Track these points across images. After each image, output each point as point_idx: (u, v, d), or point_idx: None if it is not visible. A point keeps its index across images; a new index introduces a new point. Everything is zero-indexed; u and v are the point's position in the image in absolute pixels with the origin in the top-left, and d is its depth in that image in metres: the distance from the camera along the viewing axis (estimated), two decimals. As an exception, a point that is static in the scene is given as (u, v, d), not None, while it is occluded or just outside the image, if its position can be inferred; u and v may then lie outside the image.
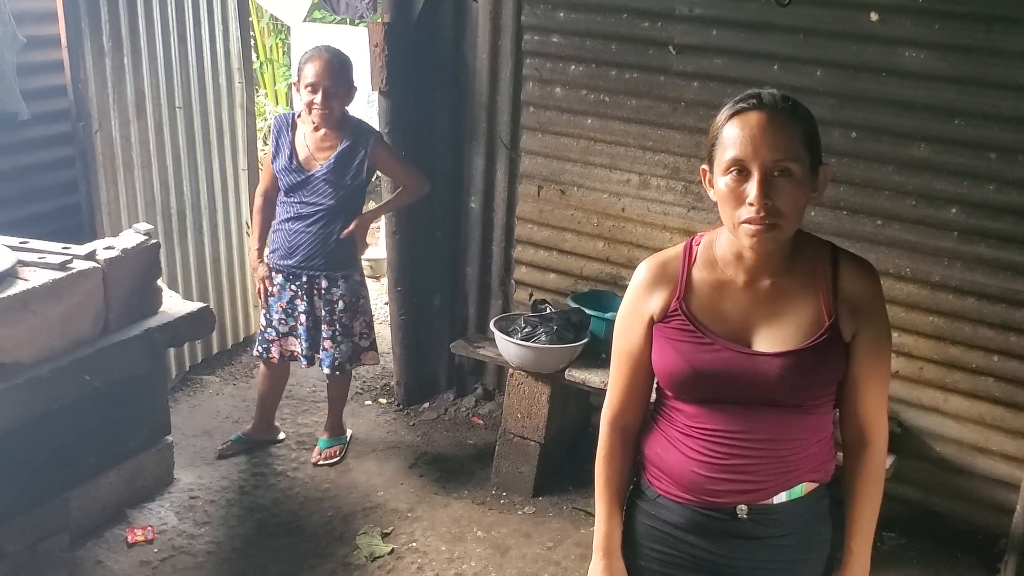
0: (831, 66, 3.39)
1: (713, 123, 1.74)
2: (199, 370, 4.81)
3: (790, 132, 1.65)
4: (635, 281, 1.86)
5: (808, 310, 1.74)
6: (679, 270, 1.82)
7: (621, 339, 1.89)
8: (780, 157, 1.63)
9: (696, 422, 1.79)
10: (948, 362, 3.48)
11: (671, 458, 1.84)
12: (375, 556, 3.45)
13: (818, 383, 1.75)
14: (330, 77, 3.64)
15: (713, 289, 1.79)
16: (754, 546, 1.80)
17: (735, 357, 1.74)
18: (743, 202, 1.65)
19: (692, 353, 1.76)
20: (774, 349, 1.73)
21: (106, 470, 3.46)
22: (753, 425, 1.75)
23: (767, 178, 1.63)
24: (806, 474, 1.79)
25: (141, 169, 4.30)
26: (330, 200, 3.75)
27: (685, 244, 1.87)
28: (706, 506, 1.80)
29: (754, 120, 1.66)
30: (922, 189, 3.37)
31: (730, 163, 1.66)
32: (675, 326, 1.79)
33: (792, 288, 1.76)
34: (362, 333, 3.98)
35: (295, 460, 4.09)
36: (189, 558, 3.36)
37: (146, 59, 4.23)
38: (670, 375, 1.80)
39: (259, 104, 7.58)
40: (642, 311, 1.84)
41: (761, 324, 1.75)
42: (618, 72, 3.80)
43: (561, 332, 3.68)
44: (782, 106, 1.67)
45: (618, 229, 4.00)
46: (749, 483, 1.77)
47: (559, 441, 3.98)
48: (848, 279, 1.75)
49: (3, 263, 2.98)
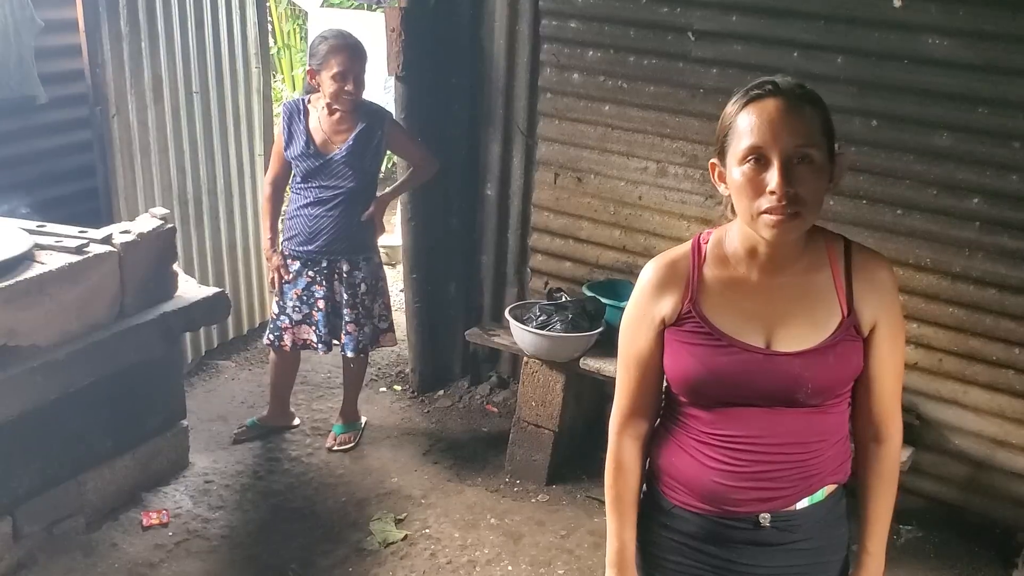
0: (852, 53, 3.35)
1: (723, 114, 1.67)
2: (215, 355, 4.83)
3: (809, 118, 1.60)
4: (642, 282, 1.79)
5: (825, 306, 1.69)
6: (689, 269, 1.75)
7: (628, 343, 1.81)
8: (801, 143, 1.57)
9: (714, 428, 1.73)
10: (968, 354, 3.44)
11: (687, 468, 1.77)
12: (388, 542, 3.46)
13: (838, 381, 1.70)
14: (360, 63, 3.65)
15: (726, 288, 1.72)
16: (773, 553, 1.76)
17: (754, 358, 1.68)
18: (762, 192, 1.58)
19: (708, 356, 1.70)
20: (793, 348, 1.67)
21: (122, 453, 3.47)
22: (774, 429, 1.70)
23: (788, 165, 1.57)
24: (828, 476, 1.75)
25: (158, 154, 4.31)
26: (350, 183, 3.75)
27: (692, 242, 1.79)
28: (726, 516, 1.75)
29: (771, 106, 1.59)
30: (944, 178, 3.33)
31: (747, 151, 1.59)
32: (689, 329, 1.72)
33: (807, 284, 1.70)
34: (381, 315, 3.98)
35: (310, 446, 4.10)
36: (203, 542, 3.38)
37: (163, 44, 4.23)
38: (686, 380, 1.73)
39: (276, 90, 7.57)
40: (651, 314, 1.76)
41: (778, 323, 1.69)
42: (636, 58, 3.77)
43: (576, 321, 3.67)
44: (799, 92, 1.62)
45: (635, 217, 3.97)
46: (772, 490, 1.72)
47: (573, 430, 3.97)
48: (863, 273, 1.70)
49: (20, 246, 2.99)
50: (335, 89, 3.63)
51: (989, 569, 3.48)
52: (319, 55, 3.66)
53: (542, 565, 3.37)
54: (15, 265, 2.93)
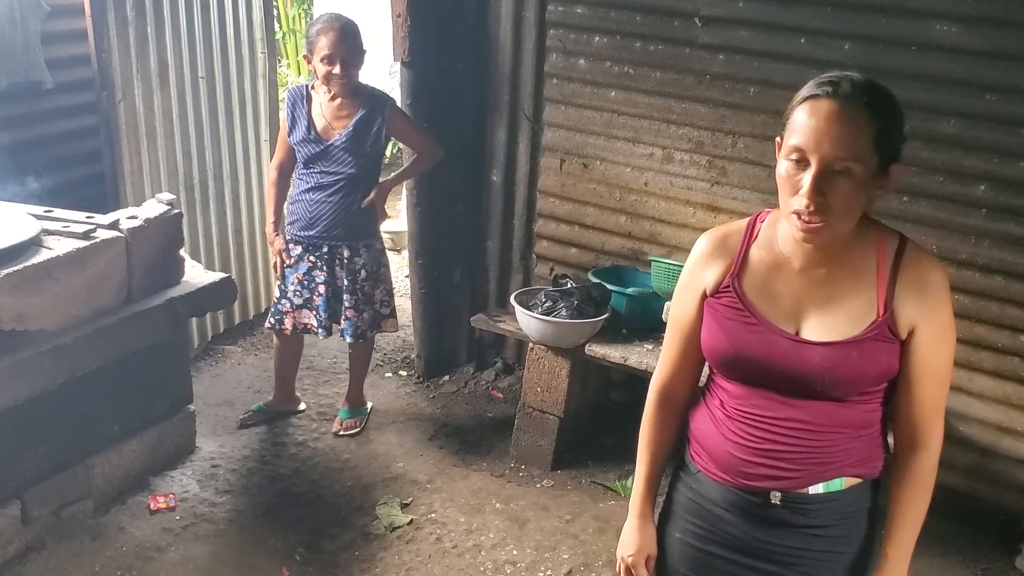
0: (860, 39, 3.33)
1: (793, 98, 1.65)
2: (221, 340, 4.85)
3: (860, 129, 1.55)
4: (694, 252, 1.83)
5: (861, 302, 1.68)
6: (738, 245, 1.78)
7: (675, 308, 1.88)
8: (842, 156, 1.55)
9: (737, 403, 1.78)
10: (974, 341, 3.44)
11: (711, 436, 1.83)
12: (394, 526, 3.47)
13: (861, 378, 1.69)
14: (345, 46, 3.62)
15: (768, 269, 1.74)
16: (789, 533, 1.78)
17: (780, 342, 1.70)
18: (796, 191, 1.59)
19: (737, 333, 1.73)
20: (820, 338, 1.68)
21: (129, 438, 3.49)
22: (792, 412, 1.72)
23: (824, 174, 1.56)
24: (846, 468, 1.75)
25: (164, 139, 4.31)
26: (350, 169, 3.75)
27: (750, 219, 1.81)
28: (741, 488, 1.79)
29: (824, 110, 1.56)
30: (951, 165, 3.32)
31: (791, 149, 1.60)
32: (725, 303, 1.76)
33: (849, 278, 1.69)
34: (383, 301, 3.99)
35: (316, 430, 4.11)
36: (210, 526, 3.40)
37: (169, 29, 4.23)
38: (714, 353, 1.79)
39: (282, 75, 7.57)
40: (697, 283, 1.81)
41: (811, 311, 1.70)
42: (643, 44, 3.76)
43: (582, 307, 3.67)
44: (858, 99, 1.56)
45: (640, 203, 3.97)
46: (782, 470, 1.74)
47: (578, 415, 3.98)
48: (910, 274, 1.67)
49: (28, 232, 3.00)
50: (325, 72, 3.64)
51: (993, 556, 3.50)
52: (309, 39, 3.69)
53: (547, 549, 3.39)
54: (23, 250, 2.94)
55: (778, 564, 1.81)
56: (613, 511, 3.61)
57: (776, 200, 1.69)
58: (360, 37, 3.71)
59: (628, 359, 3.63)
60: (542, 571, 3.28)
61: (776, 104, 3.49)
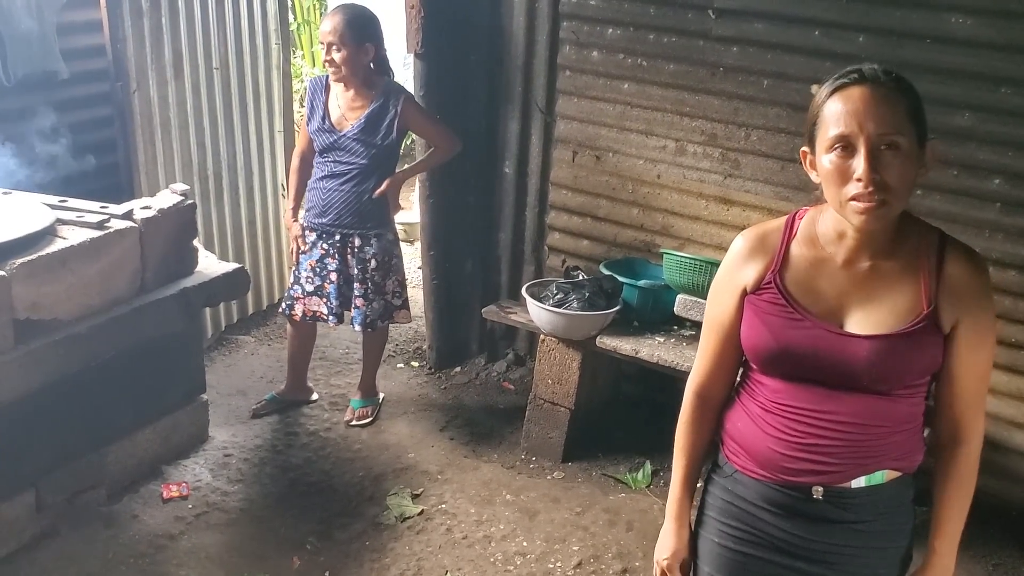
0: (874, 32, 3.32)
1: (812, 102, 1.69)
2: (234, 330, 4.87)
3: (895, 105, 1.60)
4: (732, 250, 1.83)
5: (906, 296, 1.69)
6: (778, 243, 1.78)
7: (712, 308, 1.87)
8: (887, 130, 1.58)
9: (778, 398, 1.77)
10: (987, 336, 3.42)
11: (750, 433, 1.82)
12: (405, 517, 3.49)
13: (907, 371, 1.70)
14: (335, 34, 3.63)
15: (810, 265, 1.75)
16: (829, 529, 1.78)
17: (825, 336, 1.70)
18: (849, 179, 1.60)
19: (781, 328, 1.73)
20: (865, 332, 1.68)
21: (142, 427, 3.51)
22: (835, 406, 1.72)
23: (874, 152, 1.58)
24: (888, 461, 1.75)
25: (178, 130, 4.33)
26: (362, 159, 3.76)
27: (788, 217, 1.82)
28: (782, 484, 1.78)
29: (857, 94, 1.61)
30: (965, 159, 3.30)
31: (834, 140, 1.61)
32: (767, 299, 1.76)
33: (892, 272, 1.70)
34: (394, 291, 4.00)
35: (328, 420, 4.13)
36: (222, 514, 3.42)
37: (184, 19, 4.24)
38: (756, 349, 1.78)
39: (296, 66, 7.58)
40: (736, 281, 1.81)
41: (855, 305, 1.71)
42: (656, 36, 3.75)
43: (593, 299, 3.67)
44: (885, 79, 1.62)
45: (653, 196, 3.96)
46: (825, 464, 1.74)
47: (589, 407, 3.98)
48: (953, 268, 1.68)
49: (42, 221, 3.02)
50: (323, 59, 3.68)
51: (1004, 551, 3.48)
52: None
53: (557, 541, 3.39)
54: (37, 240, 2.96)
55: (819, 563, 1.80)
56: (623, 504, 3.61)
57: (798, 197, 1.69)
58: (365, 28, 3.69)
59: (639, 352, 3.63)
60: (552, 563, 3.29)
61: (790, 97, 3.52)
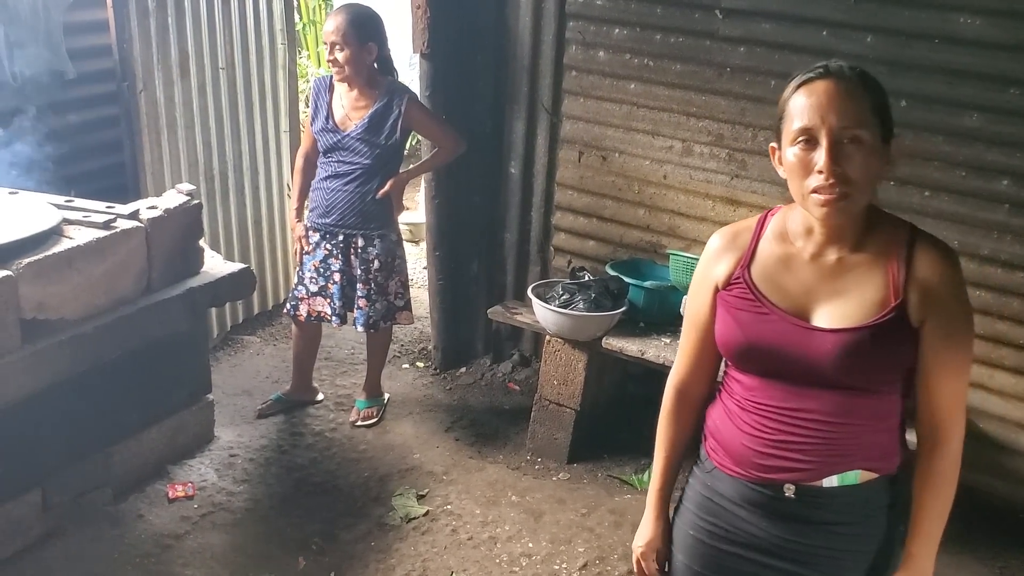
0: (882, 32, 3.31)
1: (780, 98, 1.72)
2: (240, 330, 4.87)
3: (859, 99, 1.63)
4: (707, 249, 1.86)
5: (874, 289, 1.68)
6: (749, 239, 1.81)
7: (690, 305, 1.90)
8: (849, 124, 1.60)
9: (752, 395, 1.78)
10: (995, 337, 3.41)
11: (726, 430, 1.83)
12: (410, 517, 3.48)
13: (876, 367, 1.68)
14: (338, 33, 3.62)
15: (778, 261, 1.76)
16: (806, 529, 1.77)
17: (791, 330, 1.70)
18: (812, 171, 1.62)
19: (749, 323, 1.75)
20: (832, 326, 1.68)
21: (148, 427, 3.51)
22: (806, 403, 1.72)
23: (836, 145, 1.60)
24: (861, 461, 1.74)
25: (184, 130, 4.33)
26: (366, 159, 3.76)
27: (761, 215, 1.85)
28: (756, 481, 1.78)
29: (821, 88, 1.63)
30: (973, 160, 3.29)
31: (798, 133, 1.64)
32: (736, 294, 1.78)
33: (860, 264, 1.70)
34: (397, 292, 3.99)
35: (333, 421, 4.13)
36: (228, 514, 3.42)
37: (190, 19, 4.24)
38: (727, 344, 1.80)
39: (302, 66, 7.57)
40: (709, 278, 1.84)
41: (823, 299, 1.71)
42: (663, 36, 3.74)
43: (599, 300, 3.66)
44: (849, 74, 1.65)
45: (659, 197, 3.95)
46: (796, 461, 1.73)
47: (595, 408, 3.97)
48: (923, 261, 1.68)
49: (48, 221, 3.02)
50: (326, 59, 3.69)
51: (1011, 554, 3.47)
52: None
53: (563, 543, 3.38)
54: (44, 239, 2.96)
55: (798, 563, 1.79)
56: (629, 505, 3.60)
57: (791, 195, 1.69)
58: (367, 28, 3.67)
59: (645, 353, 3.62)
60: (557, 564, 3.28)
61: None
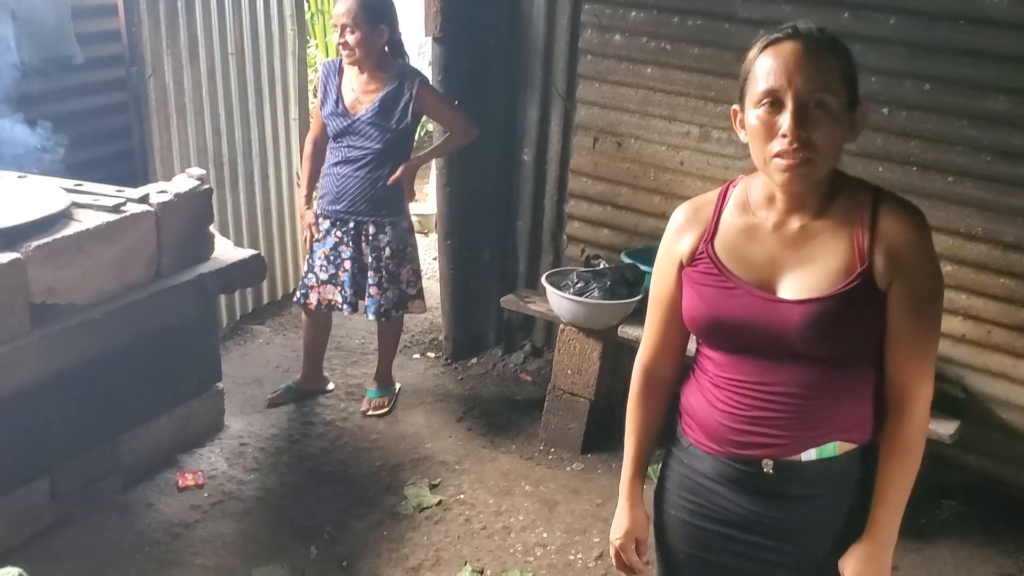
0: (905, 13, 3.25)
1: (746, 58, 1.65)
2: (250, 320, 4.84)
3: (827, 64, 1.58)
4: (669, 225, 1.82)
5: (839, 255, 1.63)
6: (711, 213, 1.76)
7: (654, 284, 1.85)
8: (815, 87, 1.55)
9: (723, 371, 1.74)
10: (1019, 326, 3.35)
11: (700, 408, 1.79)
12: (423, 507, 3.44)
13: (845, 336, 1.64)
14: (349, 15, 3.58)
15: (741, 232, 1.71)
16: (783, 504, 1.74)
17: (757, 303, 1.66)
18: (775, 135, 1.57)
19: (714, 299, 1.70)
20: (798, 296, 1.64)
21: (157, 415, 3.48)
22: (778, 377, 1.67)
23: (802, 108, 1.55)
24: (838, 433, 1.70)
25: (193, 116, 4.29)
26: (377, 144, 3.71)
27: (722, 188, 1.80)
28: (733, 458, 1.74)
29: (789, 49, 1.58)
30: (998, 144, 3.23)
31: (763, 95, 1.58)
32: (701, 269, 1.73)
33: (824, 231, 1.65)
34: (409, 281, 3.95)
35: (344, 410, 4.09)
36: (238, 503, 3.38)
37: (199, 4, 4.20)
38: (694, 320, 1.75)
39: (310, 55, 7.53)
40: (673, 255, 1.79)
41: (788, 270, 1.66)
42: (681, 19, 3.68)
43: (614, 288, 3.61)
44: (819, 36, 1.60)
45: (676, 183, 3.90)
46: (772, 436, 1.70)
47: (609, 398, 3.91)
48: (888, 223, 1.62)
49: (58, 205, 2.98)
50: (336, 42, 3.64)
51: (1034, 546, 3.42)
52: None
53: (577, 533, 3.34)
54: (53, 223, 2.93)
55: (776, 538, 1.76)
56: (644, 495, 3.55)
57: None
58: (376, 11, 3.62)
59: (661, 341, 3.57)
60: (572, 554, 3.24)
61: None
